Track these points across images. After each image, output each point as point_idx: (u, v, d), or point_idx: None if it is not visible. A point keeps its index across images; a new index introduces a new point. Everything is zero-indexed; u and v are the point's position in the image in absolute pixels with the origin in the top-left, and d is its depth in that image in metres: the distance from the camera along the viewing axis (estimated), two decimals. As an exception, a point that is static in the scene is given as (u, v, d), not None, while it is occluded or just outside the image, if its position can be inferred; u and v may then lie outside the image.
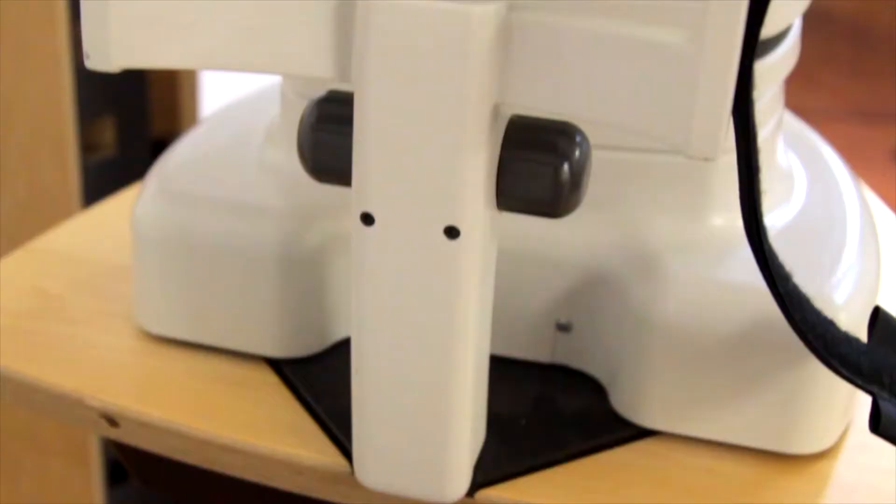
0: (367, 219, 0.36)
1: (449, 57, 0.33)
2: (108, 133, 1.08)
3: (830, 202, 0.50)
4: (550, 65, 0.33)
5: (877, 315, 0.39)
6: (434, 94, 0.34)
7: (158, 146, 1.09)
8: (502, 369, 0.47)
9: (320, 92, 0.39)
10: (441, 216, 0.35)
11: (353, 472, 0.42)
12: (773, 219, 0.47)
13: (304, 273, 0.47)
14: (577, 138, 0.37)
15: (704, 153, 0.30)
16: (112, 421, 0.47)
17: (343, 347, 0.48)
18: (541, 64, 0.34)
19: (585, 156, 0.37)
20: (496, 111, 0.35)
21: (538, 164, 0.36)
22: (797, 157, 0.53)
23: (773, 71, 0.45)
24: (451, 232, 0.36)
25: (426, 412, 0.39)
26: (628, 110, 0.32)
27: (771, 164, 0.49)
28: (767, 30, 0.43)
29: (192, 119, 1.15)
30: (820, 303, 0.41)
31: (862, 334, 0.41)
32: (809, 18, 0.49)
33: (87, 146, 1.06)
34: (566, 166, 0.36)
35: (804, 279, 0.40)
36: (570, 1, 0.41)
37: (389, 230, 0.36)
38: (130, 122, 1.09)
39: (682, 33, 0.31)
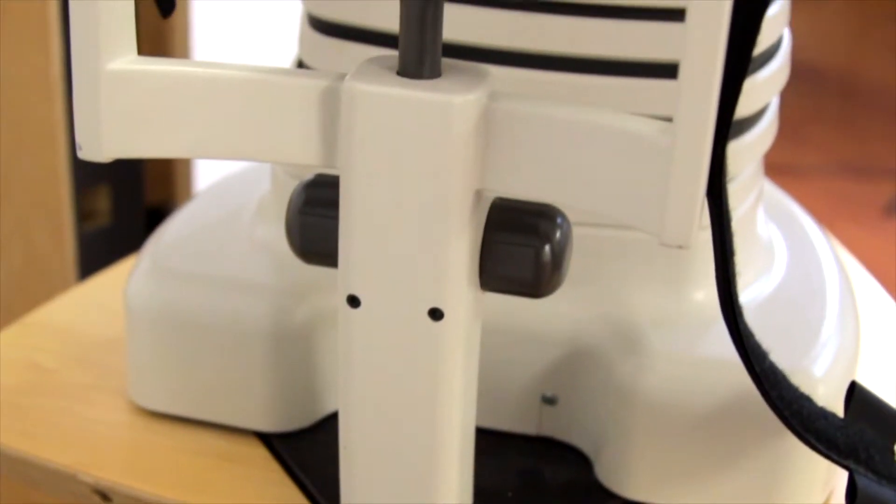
0: (354, 301, 0.37)
1: (432, 145, 0.34)
2: (102, 201, 1.09)
3: (810, 274, 0.51)
4: (529, 153, 0.35)
5: (853, 390, 0.40)
6: (417, 181, 0.35)
7: (153, 214, 1.10)
8: (489, 442, 0.48)
9: (309, 173, 0.40)
10: (425, 299, 0.36)
11: (341, 547, 0.43)
12: (754, 291, 0.48)
13: (294, 349, 0.48)
14: (558, 220, 0.38)
15: (678, 241, 0.31)
16: (104, 496, 0.47)
17: (332, 421, 0.49)
18: (520, 152, 0.35)
19: (566, 237, 0.38)
20: (478, 196, 0.36)
21: (520, 247, 0.37)
22: (777, 228, 0.54)
23: (751, 149, 0.47)
24: (435, 314, 0.37)
25: (413, 487, 0.40)
26: (605, 197, 0.33)
27: (751, 238, 0.50)
28: (745, 110, 0.45)
29: (187, 188, 1.16)
30: (799, 375, 0.42)
31: (840, 405, 0.42)
32: (797, 75, 0.51)
33: (83, 214, 1.07)
34: (547, 248, 0.37)
35: (783, 352, 0.41)
36: (547, 94, 0.42)
37: (375, 312, 0.37)
38: (125, 190, 1.10)
39: (656, 124, 0.32)
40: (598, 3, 0.43)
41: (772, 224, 0.54)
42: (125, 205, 1.10)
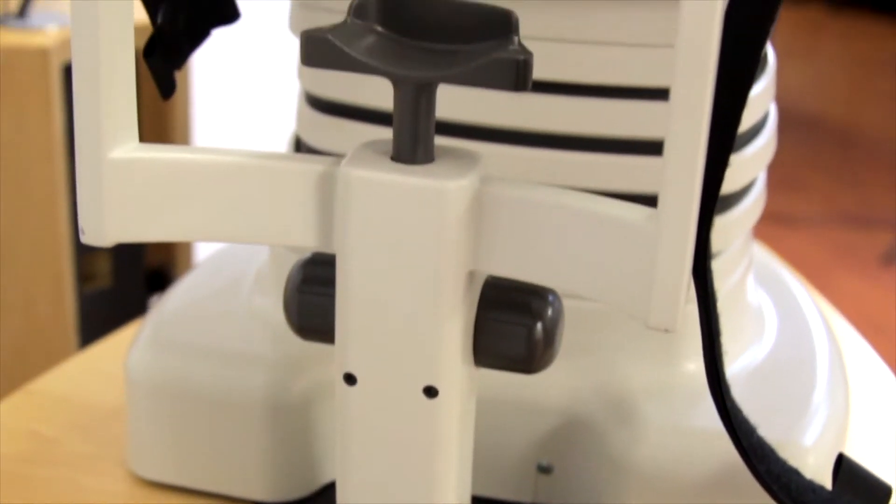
0: (350, 379, 0.38)
1: (426, 229, 0.35)
2: (103, 264, 1.10)
3: (800, 341, 0.52)
4: (519, 236, 0.35)
5: (840, 462, 0.41)
6: (412, 264, 0.36)
7: (153, 277, 1.11)
8: (485, 511, 0.49)
9: (306, 250, 0.41)
10: (420, 377, 0.37)
11: None
12: (745, 361, 0.49)
13: (293, 420, 0.48)
14: (550, 298, 0.38)
15: (664, 325, 0.32)
16: (105, 567, 0.48)
17: (331, 490, 0.50)
18: (510, 235, 0.36)
19: (558, 314, 0.39)
20: (471, 277, 0.37)
21: (512, 325, 0.38)
22: (767, 294, 0.55)
23: (739, 223, 0.48)
24: (430, 391, 0.37)
25: (410, 560, 0.40)
26: (592, 280, 0.34)
27: (741, 307, 0.51)
28: (732, 186, 0.46)
29: (187, 250, 1.18)
30: (789, 445, 0.43)
31: (830, 475, 0.42)
32: (797, 125, 0.52)
33: (84, 276, 1.08)
34: (539, 326, 0.38)
35: (773, 422, 0.42)
36: (537, 170, 0.43)
37: (371, 390, 0.38)
38: (125, 253, 1.11)
39: (641, 210, 0.33)
40: (588, 83, 0.44)
41: (761, 290, 0.55)
42: (125, 267, 1.11)
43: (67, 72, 0.99)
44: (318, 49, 0.35)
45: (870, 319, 2.09)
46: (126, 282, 1.11)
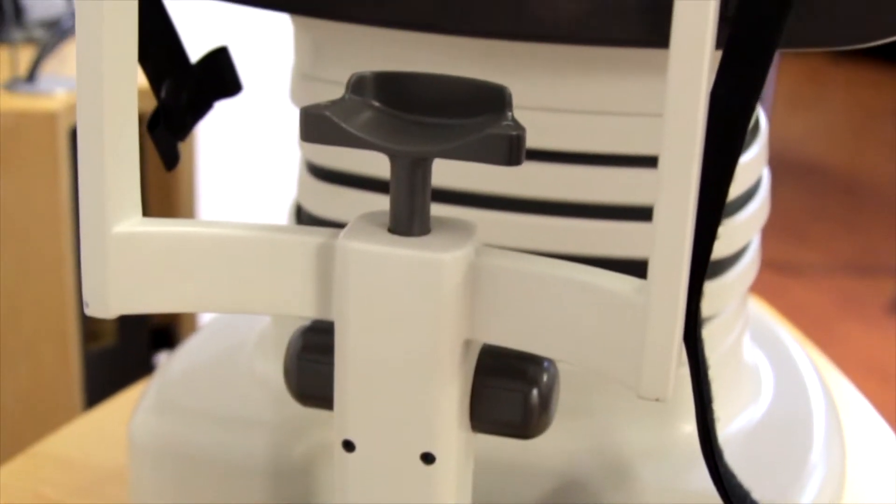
0: (349, 445, 0.39)
1: (422, 300, 0.36)
2: (108, 323, 1.11)
3: (796, 401, 0.52)
4: (513, 305, 0.36)
5: (835, 525, 0.41)
6: (409, 333, 0.36)
7: (158, 335, 1.12)
8: (485, 573, 0.49)
9: (306, 318, 0.42)
10: (417, 444, 0.38)
11: None
12: (742, 421, 0.49)
13: (294, 483, 0.49)
14: (545, 364, 0.39)
15: (654, 394, 0.33)
16: None
17: (332, 553, 0.50)
18: (504, 305, 0.36)
19: (553, 379, 0.39)
20: (467, 345, 0.38)
21: (509, 391, 0.39)
22: (763, 354, 0.56)
23: (733, 287, 0.48)
24: (428, 458, 0.38)
25: None
26: (584, 350, 0.35)
27: (737, 367, 0.51)
28: (725, 250, 0.47)
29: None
30: (785, 508, 0.43)
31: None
32: (800, 173, 0.52)
33: (89, 335, 1.09)
34: (535, 392, 0.39)
35: (770, 483, 0.42)
36: (530, 237, 0.44)
37: (369, 457, 0.38)
38: (130, 311, 1.12)
39: (631, 282, 0.34)
40: (581, 151, 0.45)
41: (757, 349, 0.55)
42: (130, 326, 1.12)
43: (74, 135, 1.01)
44: (316, 125, 0.35)
45: (875, 369, 2.09)
46: (131, 340, 1.12)
